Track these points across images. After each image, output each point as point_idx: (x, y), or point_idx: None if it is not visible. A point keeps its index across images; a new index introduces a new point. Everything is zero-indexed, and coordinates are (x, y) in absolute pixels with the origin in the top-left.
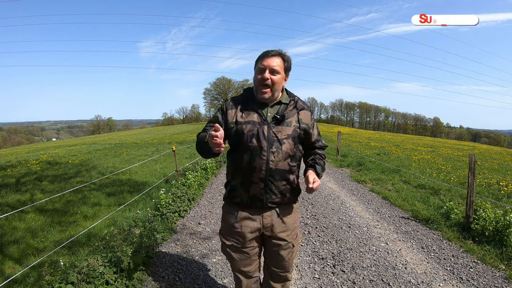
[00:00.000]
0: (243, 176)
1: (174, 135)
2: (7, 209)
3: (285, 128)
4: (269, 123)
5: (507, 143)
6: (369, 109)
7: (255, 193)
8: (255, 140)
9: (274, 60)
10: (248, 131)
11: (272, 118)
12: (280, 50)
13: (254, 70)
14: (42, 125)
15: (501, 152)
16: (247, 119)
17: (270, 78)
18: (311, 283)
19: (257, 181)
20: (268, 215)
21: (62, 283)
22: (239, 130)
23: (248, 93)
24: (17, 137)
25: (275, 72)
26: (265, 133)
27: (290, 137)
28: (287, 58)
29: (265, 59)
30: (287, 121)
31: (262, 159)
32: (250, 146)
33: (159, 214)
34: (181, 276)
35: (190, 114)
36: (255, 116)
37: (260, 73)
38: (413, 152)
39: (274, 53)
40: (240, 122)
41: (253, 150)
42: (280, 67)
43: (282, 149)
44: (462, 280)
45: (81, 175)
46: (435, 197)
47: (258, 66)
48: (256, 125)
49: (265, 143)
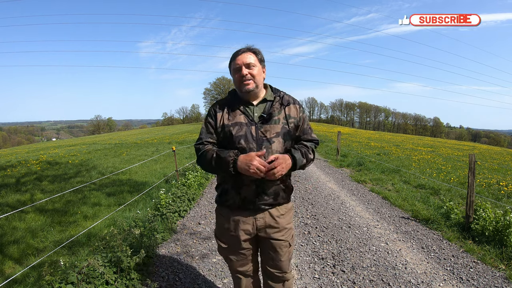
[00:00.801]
0: (234, 178)
1: (174, 135)
2: (7, 209)
3: (274, 126)
4: (257, 123)
5: (507, 143)
6: (369, 109)
7: (246, 195)
8: (244, 142)
9: (246, 56)
10: (236, 133)
11: (259, 118)
12: (248, 46)
13: (231, 73)
14: (42, 125)
15: (501, 152)
16: (234, 120)
17: (248, 72)
18: (311, 283)
19: (248, 183)
20: (261, 217)
21: (62, 283)
22: (227, 132)
23: (233, 95)
24: (17, 137)
25: (251, 66)
26: (253, 134)
27: (279, 135)
28: (257, 51)
29: (238, 57)
30: (274, 119)
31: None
32: (239, 148)
33: (159, 214)
34: (181, 276)
35: (190, 114)
36: (242, 117)
37: (237, 72)
38: (413, 152)
39: (244, 50)
40: (227, 124)
41: (242, 152)
42: (254, 60)
43: (272, 148)
44: (462, 280)
45: (81, 175)
46: (435, 197)
47: (233, 67)
48: (244, 126)
49: (254, 144)
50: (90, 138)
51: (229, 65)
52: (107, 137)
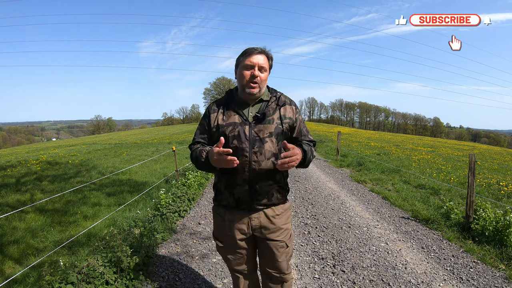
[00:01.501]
0: (227, 178)
1: (174, 135)
2: (7, 209)
3: (267, 126)
4: (250, 123)
5: (507, 143)
6: (369, 109)
7: (240, 195)
8: (236, 141)
9: (261, 58)
10: (229, 133)
11: (253, 118)
12: (263, 48)
13: (238, 67)
14: (42, 125)
15: (501, 152)
16: (228, 121)
17: (258, 75)
18: (311, 283)
19: (241, 183)
20: (255, 217)
21: (62, 283)
22: (221, 133)
23: (229, 95)
24: (17, 137)
25: (263, 70)
26: (246, 133)
27: (273, 135)
28: (271, 56)
29: (253, 56)
30: (268, 119)
31: (244, 160)
32: (232, 147)
33: (159, 214)
34: (181, 276)
35: (190, 114)
36: (236, 117)
37: (248, 70)
38: (413, 152)
39: (260, 51)
40: (222, 125)
41: (234, 152)
42: (267, 65)
43: (265, 148)
44: (462, 280)
45: (81, 175)
46: (435, 197)
47: (244, 63)
48: (237, 126)
49: (246, 143)
50: (90, 138)
51: (238, 60)
52: (107, 137)
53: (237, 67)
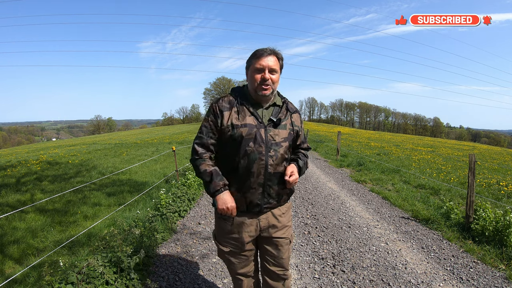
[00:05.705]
0: (239, 182)
1: (174, 135)
2: (7, 209)
3: (282, 131)
4: (266, 126)
5: (507, 143)
6: (369, 109)
7: (252, 199)
8: (253, 144)
9: (271, 60)
10: (246, 135)
11: (268, 121)
12: (273, 49)
13: (249, 69)
14: (42, 125)
15: (501, 152)
16: (243, 122)
17: (269, 77)
18: (311, 283)
19: (255, 187)
20: (264, 217)
21: (62, 283)
22: (236, 133)
23: (239, 94)
24: (17, 137)
25: (274, 72)
26: (262, 137)
27: (286, 140)
28: (281, 56)
29: (263, 59)
30: (283, 124)
31: (260, 164)
32: (248, 150)
33: (159, 214)
34: (181, 276)
35: (190, 114)
36: (251, 118)
37: (259, 73)
38: (413, 152)
39: (270, 52)
40: (237, 125)
41: (250, 155)
42: (277, 66)
43: (280, 152)
44: (462, 280)
45: (81, 175)
46: (435, 197)
47: (255, 65)
48: (254, 128)
49: (263, 147)
50: (90, 138)
51: (249, 62)
52: (107, 137)
53: (247, 69)
